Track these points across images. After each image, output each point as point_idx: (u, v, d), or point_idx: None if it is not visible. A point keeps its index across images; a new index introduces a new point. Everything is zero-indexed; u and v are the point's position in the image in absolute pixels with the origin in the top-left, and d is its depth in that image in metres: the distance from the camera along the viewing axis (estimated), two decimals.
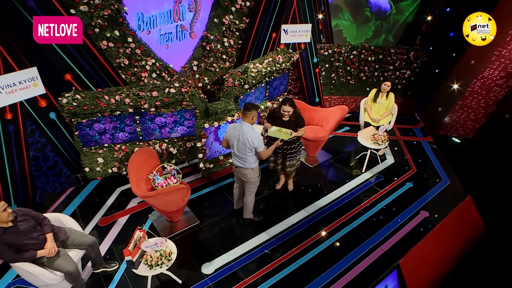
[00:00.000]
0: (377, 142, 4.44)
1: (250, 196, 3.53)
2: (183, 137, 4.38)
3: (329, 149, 5.26)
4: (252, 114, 3.08)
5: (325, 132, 4.75)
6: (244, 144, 3.09)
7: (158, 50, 4.36)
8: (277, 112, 3.62)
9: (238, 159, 3.25)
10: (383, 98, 4.68)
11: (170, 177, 3.49)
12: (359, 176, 4.59)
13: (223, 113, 4.22)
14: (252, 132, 3.08)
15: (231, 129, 3.20)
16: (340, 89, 6.54)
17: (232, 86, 4.40)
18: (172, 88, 3.96)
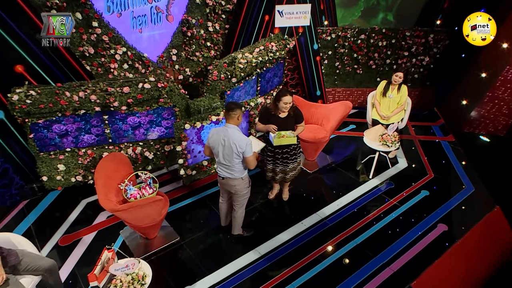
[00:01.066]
0: (386, 143, 4.52)
1: (240, 210, 3.61)
2: (161, 140, 4.46)
3: (330, 152, 5.34)
4: (236, 114, 3.15)
5: (326, 132, 4.83)
6: (231, 150, 3.15)
7: (130, 37, 4.36)
8: (272, 109, 3.67)
9: (224, 168, 3.30)
10: (394, 91, 4.75)
11: (145, 187, 3.58)
12: (365, 183, 4.69)
13: (207, 112, 4.29)
14: (238, 135, 3.15)
15: (214, 134, 3.25)
16: (346, 80, 6.59)
17: (217, 79, 4.48)
18: (147, 82, 4.02)
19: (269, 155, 3.98)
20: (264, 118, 3.71)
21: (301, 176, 4.79)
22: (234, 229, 3.76)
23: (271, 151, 3.94)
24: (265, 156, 4.03)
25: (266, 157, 4.02)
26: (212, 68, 4.51)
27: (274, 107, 3.66)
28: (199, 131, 4.27)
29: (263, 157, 4.06)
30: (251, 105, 4.65)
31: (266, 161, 4.01)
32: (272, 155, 3.96)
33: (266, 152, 3.98)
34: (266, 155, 4.00)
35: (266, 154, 4.00)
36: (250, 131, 4.83)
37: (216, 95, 4.52)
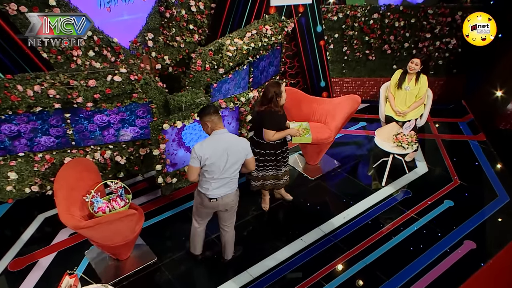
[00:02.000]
0: (401, 144, 4.54)
1: (232, 230, 3.65)
2: (135, 142, 4.47)
3: (336, 155, 5.37)
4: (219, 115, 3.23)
5: (330, 131, 4.86)
6: (238, 158, 3.18)
7: (96, 17, 4.29)
8: (279, 110, 3.79)
9: (223, 184, 3.28)
10: (411, 82, 4.75)
11: (116, 199, 3.58)
12: (378, 192, 4.71)
13: (189, 109, 4.30)
14: (237, 137, 3.24)
15: (211, 148, 3.17)
16: (356, 68, 6.59)
17: (202, 70, 4.48)
18: (118, 74, 4.02)
19: (259, 159, 4.01)
20: (276, 124, 3.82)
21: (301, 183, 4.83)
22: (227, 254, 3.77)
23: (261, 154, 3.98)
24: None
25: (258, 164, 4.05)
26: (196, 57, 4.51)
27: (279, 107, 3.80)
28: (180, 132, 4.27)
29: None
30: (242, 101, 4.66)
31: (257, 170, 4.07)
32: (262, 159, 3.99)
33: (258, 158, 4.01)
34: (259, 164, 4.04)
35: (258, 160, 4.03)
36: (241, 130, 4.85)
37: (200, 88, 4.52)
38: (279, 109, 3.77)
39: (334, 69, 6.42)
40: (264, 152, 3.95)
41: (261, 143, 3.94)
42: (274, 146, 3.95)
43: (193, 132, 4.41)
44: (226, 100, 4.56)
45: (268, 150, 3.95)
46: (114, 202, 3.55)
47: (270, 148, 3.95)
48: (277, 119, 3.80)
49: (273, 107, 3.76)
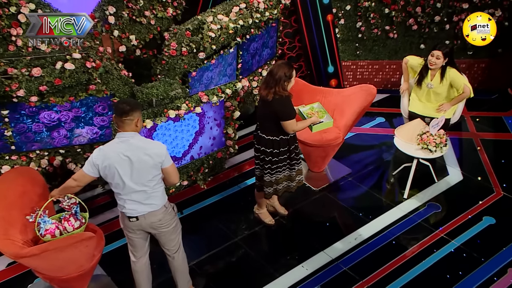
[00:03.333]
0: (427, 146, 4.61)
1: (180, 253, 3.68)
2: (93, 145, 4.48)
3: (346, 159, 5.41)
4: (134, 119, 3.23)
5: (339, 130, 4.92)
6: (145, 166, 3.23)
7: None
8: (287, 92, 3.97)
9: (138, 200, 3.33)
10: (435, 79, 4.83)
11: (69, 218, 3.58)
12: (398, 206, 4.76)
13: (162, 104, 4.31)
14: (148, 142, 3.31)
15: (108, 156, 3.22)
16: (373, 48, 6.58)
17: (177, 55, 4.50)
18: (70, 60, 4.03)
19: (272, 161, 4.11)
20: (294, 111, 4.02)
21: (302, 195, 4.88)
22: (182, 285, 3.81)
23: (273, 154, 4.09)
24: (261, 165, 4.20)
25: (264, 166, 4.14)
26: (170, 38, 4.52)
27: (289, 94, 3.96)
28: (150, 133, 4.30)
29: (259, 169, 4.26)
30: (228, 93, 4.68)
31: (265, 173, 4.17)
32: (276, 159, 4.11)
33: (264, 158, 4.11)
34: (264, 163, 4.14)
35: (265, 161, 4.13)
36: (227, 130, 4.90)
37: (175, 78, 4.54)
38: (290, 94, 3.96)
39: (345, 50, 6.44)
40: (278, 151, 4.06)
41: (273, 140, 4.04)
42: (288, 140, 4.08)
43: (167, 133, 4.42)
44: (208, 92, 4.59)
45: (282, 147, 4.07)
46: (67, 222, 3.56)
47: (284, 144, 4.07)
48: (293, 105, 3.99)
49: (282, 91, 3.90)
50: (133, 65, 5.11)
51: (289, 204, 4.76)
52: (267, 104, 3.95)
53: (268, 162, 4.12)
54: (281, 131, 4.00)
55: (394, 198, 4.90)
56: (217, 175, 5.23)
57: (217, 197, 5.00)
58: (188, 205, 4.85)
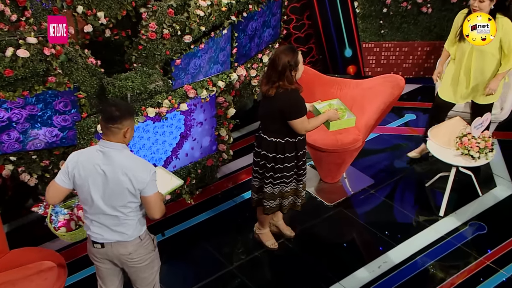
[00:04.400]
0: (468, 152, 4.58)
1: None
2: (52, 151, 4.47)
3: (367, 167, 5.39)
4: (122, 128, 3.17)
5: (358, 131, 4.90)
6: (119, 187, 3.19)
7: None
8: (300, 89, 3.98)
9: (105, 224, 3.29)
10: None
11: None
12: (433, 226, 4.75)
13: (139, 100, 4.31)
14: (132, 159, 3.24)
15: (79, 159, 3.23)
16: (401, 26, 6.58)
17: (158, 38, 4.49)
18: (23, 46, 4.00)
19: (275, 169, 4.10)
20: (305, 108, 4.05)
21: (312, 212, 4.87)
22: None
23: (278, 160, 4.08)
24: (261, 173, 4.20)
25: (265, 174, 4.14)
26: (148, 17, 4.51)
27: (298, 87, 3.97)
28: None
29: (258, 179, 4.25)
30: (220, 86, 4.66)
31: (266, 183, 4.17)
32: (281, 167, 4.09)
33: (265, 164, 4.11)
34: (265, 170, 4.13)
35: (266, 168, 4.12)
36: (219, 132, 4.87)
37: (155, 67, 4.53)
38: (299, 87, 3.97)
39: (366, 28, 6.42)
40: (283, 157, 4.04)
41: (276, 143, 4.03)
42: (296, 144, 4.06)
43: (145, 136, 4.42)
44: (196, 85, 4.56)
45: (288, 152, 4.04)
46: (81, 210, 3.62)
47: (290, 148, 4.04)
48: (303, 101, 4.00)
49: (288, 85, 3.87)
50: (102, 49, 5.09)
51: (296, 223, 4.74)
52: (269, 100, 3.93)
53: (270, 169, 4.11)
54: (288, 131, 3.99)
55: (428, 216, 4.87)
56: (207, 187, 5.20)
57: (208, 214, 4.95)
58: (171, 225, 4.80)
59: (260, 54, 5.58)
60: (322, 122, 4.16)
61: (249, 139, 5.86)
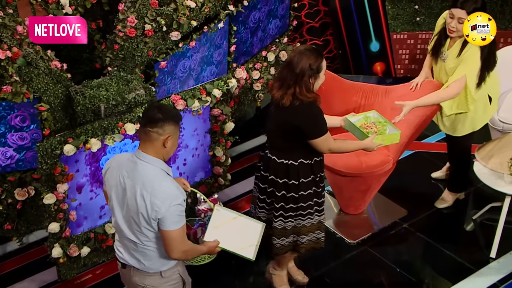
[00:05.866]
0: None
1: None
2: (5, 176, 4.62)
3: (399, 194, 5.48)
4: (163, 134, 3.30)
5: (387, 151, 4.98)
6: (135, 209, 3.33)
7: None
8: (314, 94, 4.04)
9: (125, 243, 3.49)
10: (453, 49, 4.99)
11: (196, 230, 3.79)
12: (482, 270, 4.79)
13: (116, 113, 4.42)
14: (164, 179, 3.35)
15: (113, 165, 3.47)
16: (441, 12, 6.39)
17: (138, 35, 4.60)
18: None
19: (285, 198, 4.19)
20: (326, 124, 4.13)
21: (331, 251, 4.93)
22: None
23: (292, 187, 4.15)
24: (269, 203, 4.30)
25: (275, 205, 4.23)
26: (126, 9, 4.61)
27: (315, 97, 4.04)
28: (96, 159, 4.43)
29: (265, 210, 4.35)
30: (215, 95, 4.73)
31: (276, 215, 4.25)
32: (294, 195, 4.18)
33: (274, 192, 4.21)
34: (275, 200, 4.23)
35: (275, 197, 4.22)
36: (214, 151, 5.01)
37: (135, 71, 4.65)
38: (317, 97, 4.04)
39: (398, 15, 6.54)
40: (297, 183, 4.15)
41: (287, 166, 4.12)
42: (312, 166, 4.16)
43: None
44: (186, 94, 4.66)
45: (303, 177, 4.14)
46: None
47: (305, 172, 4.14)
48: (323, 115, 4.08)
49: (305, 93, 3.95)
50: (66, 45, 5.17)
51: (311, 265, 4.82)
52: (282, 111, 4.01)
53: (280, 198, 4.20)
54: (303, 151, 4.09)
55: (476, 258, 4.90)
56: None
57: None
58: None
59: (265, 51, 5.68)
60: (354, 150, 4.30)
61: (250, 158, 5.96)
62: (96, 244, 4.71)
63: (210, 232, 3.69)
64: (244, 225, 3.86)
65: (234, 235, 3.74)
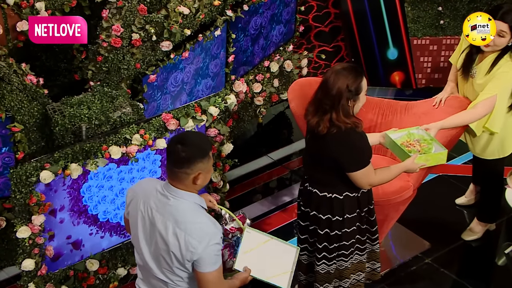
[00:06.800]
0: None
1: None
2: None
3: (421, 224, 5.60)
4: (193, 173, 3.35)
5: (407, 177, 5.07)
6: (166, 247, 3.40)
7: None
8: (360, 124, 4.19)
9: (153, 284, 3.57)
10: (483, 64, 5.18)
11: (223, 250, 3.79)
12: None
13: (98, 135, 4.53)
14: (192, 217, 3.42)
15: (137, 192, 3.55)
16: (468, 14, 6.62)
17: (125, 46, 4.73)
18: None
19: (331, 236, 4.33)
20: (371, 152, 4.29)
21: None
22: None
23: (333, 225, 4.31)
24: (312, 243, 4.46)
25: (317, 245, 4.37)
26: (110, 17, 4.71)
27: (356, 122, 4.16)
28: (77, 186, 4.55)
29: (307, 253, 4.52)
30: (212, 113, 4.81)
31: (318, 258, 4.40)
32: (338, 234, 4.33)
33: (317, 231, 4.35)
34: (318, 239, 4.37)
35: (319, 237, 4.35)
36: (212, 177, 5.11)
37: (120, 86, 4.78)
38: (358, 122, 4.14)
39: (419, 18, 6.69)
40: (342, 219, 4.29)
41: (332, 200, 4.26)
42: (359, 199, 4.32)
43: (105, 185, 4.67)
44: (178, 112, 4.75)
45: (348, 212, 4.27)
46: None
47: (351, 206, 4.28)
48: (368, 144, 4.24)
49: (343, 118, 4.05)
50: (42, 54, 5.35)
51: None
52: (319, 140, 4.13)
53: (324, 237, 4.33)
54: (348, 183, 4.19)
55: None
56: None
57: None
58: None
59: (267, 61, 5.85)
60: (397, 175, 4.35)
61: (250, 182, 6.09)
62: (76, 283, 4.80)
63: (240, 258, 3.79)
64: (277, 248, 3.94)
65: (266, 261, 3.84)
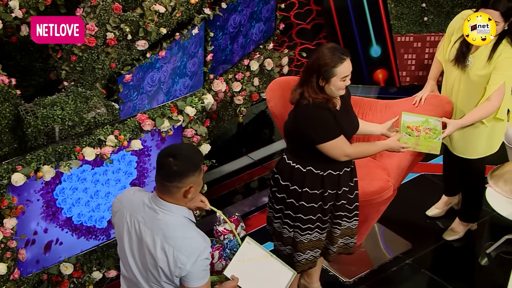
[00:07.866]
0: None
1: None
2: None
3: (401, 224, 5.59)
4: (184, 186, 3.33)
5: (387, 176, 5.06)
6: (154, 262, 3.38)
7: None
8: (330, 104, 4.15)
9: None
10: (479, 53, 5.15)
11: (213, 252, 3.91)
12: None
13: (72, 136, 4.49)
14: (181, 232, 3.38)
15: (124, 203, 3.52)
16: (453, 11, 6.68)
17: (99, 45, 4.70)
18: None
19: (300, 208, 4.33)
20: (334, 126, 4.21)
21: None
22: None
23: (309, 197, 4.32)
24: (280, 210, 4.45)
25: (291, 215, 4.37)
26: (84, 15, 4.68)
27: (326, 98, 4.15)
28: (50, 189, 4.50)
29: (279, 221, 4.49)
30: (188, 113, 4.80)
31: (302, 226, 4.39)
32: (313, 206, 4.32)
33: (290, 202, 4.35)
34: (290, 210, 4.37)
35: (289, 208, 4.35)
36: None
37: (95, 86, 4.74)
38: (327, 101, 4.14)
39: (402, 15, 6.66)
40: (299, 191, 4.30)
41: (298, 171, 4.28)
42: (324, 179, 4.31)
43: (80, 187, 4.62)
44: (154, 112, 4.72)
45: (308, 187, 4.28)
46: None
47: (314, 183, 4.28)
48: (332, 119, 4.17)
49: (312, 94, 4.08)
50: (16, 53, 5.31)
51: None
52: (292, 111, 4.19)
53: (280, 201, 4.37)
54: (314, 159, 4.22)
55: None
56: None
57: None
58: None
59: (247, 60, 5.80)
60: (378, 151, 4.41)
61: (230, 182, 6.07)
62: (50, 287, 4.77)
63: (233, 265, 3.76)
64: (273, 268, 3.89)
65: (258, 277, 3.80)
